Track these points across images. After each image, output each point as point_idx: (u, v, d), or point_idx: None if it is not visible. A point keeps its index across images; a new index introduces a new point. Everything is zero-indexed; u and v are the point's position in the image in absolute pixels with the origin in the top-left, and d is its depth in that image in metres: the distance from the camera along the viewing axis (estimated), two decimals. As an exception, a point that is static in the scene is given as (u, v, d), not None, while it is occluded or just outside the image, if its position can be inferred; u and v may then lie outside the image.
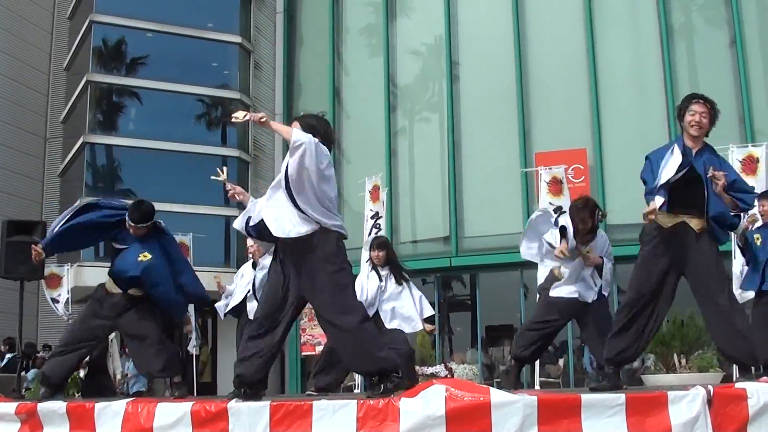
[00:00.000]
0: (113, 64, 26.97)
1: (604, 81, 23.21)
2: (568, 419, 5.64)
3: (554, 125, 23.56)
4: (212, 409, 6.35)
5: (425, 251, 24.27)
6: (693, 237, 6.98)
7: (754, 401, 5.63)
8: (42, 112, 31.15)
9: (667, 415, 5.60)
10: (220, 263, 24.27)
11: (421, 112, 25.85)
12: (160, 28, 26.70)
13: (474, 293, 24.36)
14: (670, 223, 7.03)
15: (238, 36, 27.69)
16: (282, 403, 6.17)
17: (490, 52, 24.99)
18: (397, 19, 26.51)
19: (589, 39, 23.69)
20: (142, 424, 6.60)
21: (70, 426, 7.10)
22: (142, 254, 8.61)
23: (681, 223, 7.01)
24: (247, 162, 26.63)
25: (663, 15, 23.27)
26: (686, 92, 7.58)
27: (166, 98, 26.44)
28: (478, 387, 5.98)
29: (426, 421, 5.67)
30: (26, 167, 29.86)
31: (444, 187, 24.50)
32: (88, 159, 25.80)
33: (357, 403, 5.94)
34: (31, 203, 29.37)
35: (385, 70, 25.97)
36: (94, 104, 26.24)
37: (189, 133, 26.41)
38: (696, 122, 7.15)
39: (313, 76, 27.79)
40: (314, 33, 28.11)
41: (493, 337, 24.02)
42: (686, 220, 7.01)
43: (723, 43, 23.10)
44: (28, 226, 13.16)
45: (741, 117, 21.74)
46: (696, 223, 6.99)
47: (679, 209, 7.01)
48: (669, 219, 7.03)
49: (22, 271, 12.66)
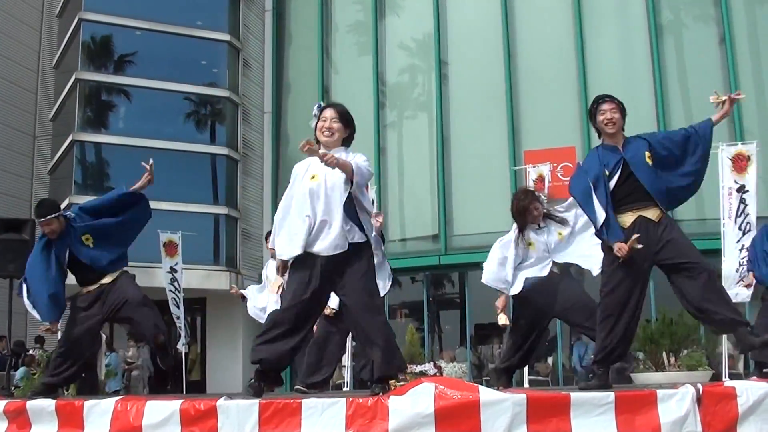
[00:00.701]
0: (102, 62, 26.91)
1: (593, 79, 23.23)
2: (558, 418, 5.64)
3: (543, 123, 23.60)
4: (201, 407, 6.34)
5: (414, 249, 24.28)
6: (654, 227, 7.04)
7: (743, 400, 5.63)
8: (31, 110, 31.06)
9: (657, 413, 5.61)
10: (209, 261, 24.28)
11: (410, 110, 25.86)
12: (148, 26, 26.63)
13: (463, 291, 24.37)
14: (629, 221, 7.09)
15: (226, 34, 27.64)
16: (271, 401, 6.16)
17: (479, 49, 25.02)
18: (385, 17, 26.52)
19: (578, 37, 23.73)
20: (131, 422, 6.57)
21: (59, 424, 7.08)
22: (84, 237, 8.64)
23: (638, 217, 7.07)
24: (236, 160, 26.59)
25: (652, 13, 23.31)
26: (675, 90, 7.67)
27: (155, 96, 26.38)
28: (467, 385, 5.98)
29: (415, 419, 5.67)
30: (15, 165, 29.76)
31: (433, 185, 24.52)
32: (77, 157, 25.73)
33: (346, 401, 5.94)
34: (20, 201, 29.27)
35: (374, 68, 25.98)
36: (83, 102, 26.17)
37: (178, 131, 26.34)
38: (608, 119, 7.29)
39: (302, 74, 27.78)
40: (303, 31, 28.11)
41: (482, 335, 24.02)
42: (641, 213, 7.08)
43: (712, 41, 23.15)
44: (17, 224, 13.18)
45: (730, 115, 21.79)
46: (651, 213, 7.07)
47: (630, 205, 7.11)
48: (627, 218, 7.11)
49: (11, 268, 12.66)
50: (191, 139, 26.26)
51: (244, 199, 26.40)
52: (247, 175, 26.79)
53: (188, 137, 26.28)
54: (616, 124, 7.26)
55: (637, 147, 7.22)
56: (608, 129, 7.26)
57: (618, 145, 7.26)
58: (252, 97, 27.86)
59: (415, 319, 23.98)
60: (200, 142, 26.31)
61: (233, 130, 27.25)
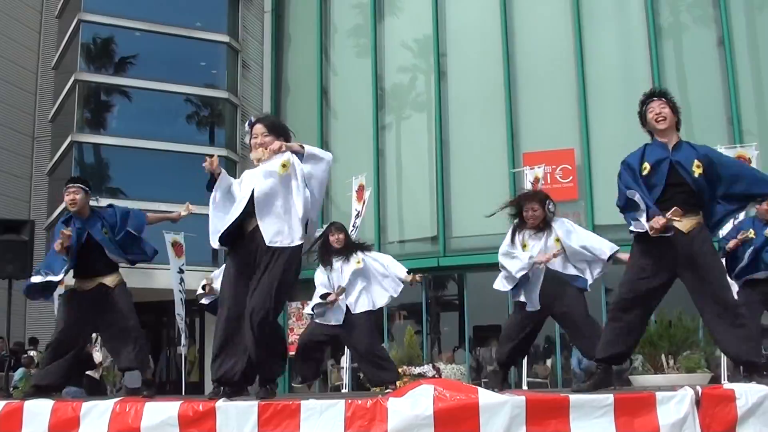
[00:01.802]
0: (101, 63, 26.92)
1: (592, 81, 23.25)
2: (557, 420, 5.63)
3: (542, 125, 23.60)
4: (200, 408, 6.33)
5: (413, 251, 24.27)
6: (683, 238, 6.74)
7: (742, 402, 5.63)
8: (30, 111, 31.08)
9: (656, 415, 5.60)
10: (208, 263, 24.23)
11: (409, 112, 25.86)
12: (148, 27, 26.65)
13: (462, 293, 24.36)
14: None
15: (226, 35, 27.66)
16: (270, 402, 6.16)
17: (477, 52, 25.02)
18: (384, 19, 26.53)
19: (577, 38, 23.73)
20: (130, 424, 6.55)
21: (54, 425, 7.04)
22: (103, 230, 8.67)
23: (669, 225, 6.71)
24: (235, 161, 26.58)
25: (651, 15, 23.33)
26: (674, 92, 7.51)
27: (154, 97, 26.40)
28: (466, 387, 5.99)
29: (414, 421, 5.67)
30: (14, 166, 29.79)
31: (432, 187, 24.51)
32: (76, 158, 25.75)
33: (345, 403, 5.94)
34: (19, 202, 29.32)
35: (372, 70, 25.99)
36: (82, 103, 26.19)
37: (177, 133, 26.36)
38: (657, 113, 6.98)
39: (300, 76, 27.79)
40: (302, 32, 28.11)
41: (481, 337, 23.99)
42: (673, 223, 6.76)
43: (711, 43, 23.16)
44: (16, 225, 13.16)
45: (729, 117, 21.81)
46: (684, 224, 6.74)
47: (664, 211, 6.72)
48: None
49: (10, 269, 12.65)
50: (190, 140, 26.26)
51: (242, 201, 26.35)
52: (246, 177, 26.76)
53: (187, 138, 26.29)
54: (666, 119, 6.93)
55: (688, 152, 6.90)
56: (660, 124, 6.91)
57: (669, 143, 6.95)
58: (251, 99, 27.88)
59: (414, 321, 23.97)
60: (199, 144, 26.30)
61: (232, 131, 27.26)
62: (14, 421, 7.11)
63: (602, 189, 21.89)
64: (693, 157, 6.82)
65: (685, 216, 6.69)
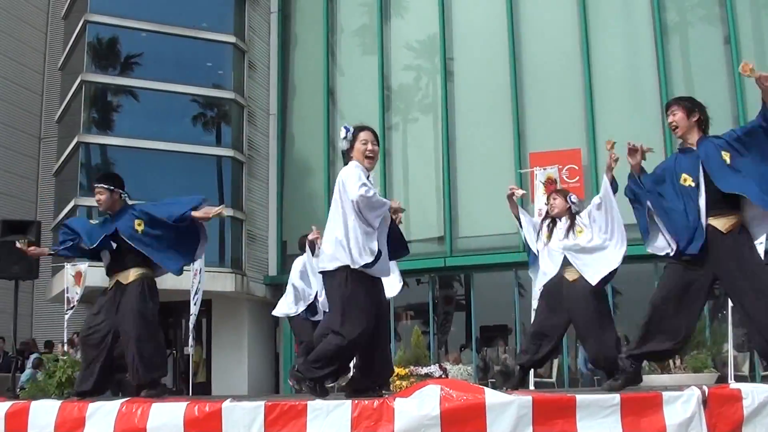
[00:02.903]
0: (108, 63, 26.88)
1: (598, 80, 23.23)
2: (563, 419, 5.64)
3: (549, 125, 23.58)
4: (207, 409, 6.33)
5: (419, 251, 24.22)
6: (721, 239, 6.72)
7: (748, 402, 5.64)
8: (36, 112, 31.12)
9: (662, 415, 5.61)
10: (214, 263, 24.22)
11: (416, 112, 25.86)
12: (154, 27, 26.61)
13: (468, 293, 24.36)
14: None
15: (232, 36, 27.62)
16: (276, 403, 6.16)
17: (484, 51, 25.02)
18: (391, 19, 26.53)
19: (583, 38, 23.72)
20: (136, 425, 6.55)
21: (60, 425, 7.04)
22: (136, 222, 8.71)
23: (707, 226, 6.74)
24: (241, 162, 26.56)
25: (657, 13, 23.31)
26: (681, 91, 7.57)
27: (160, 98, 26.36)
28: (473, 387, 5.99)
29: (421, 421, 5.68)
30: (21, 167, 29.83)
31: (438, 187, 24.52)
32: (82, 159, 25.70)
33: (352, 404, 5.94)
34: (26, 203, 29.35)
35: (379, 70, 25.99)
36: (88, 104, 26.15)
37: (183, 133, 26.32)
38: (669, 123, 7.13)
39: (307, 76, 27.78)
40: (308, 33, 28.10)
41: (488, 337, 24.01)
42: (711, 222, 6.78)
43: (717, 42, 23.13)
44: (22, 226, 13.18)
45: (735, 116, 21.74)
46: (722, 222, 6.76)
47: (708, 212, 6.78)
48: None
49: (16, 270, 12.67)
50: (196, 140, 26.21)
51: (249, 201, 26.36)
52: (252, 177, 26.76)
53: (193, 139, 26.24)
54: (678, 126, 7.06)
55: (709, 147, 6.93)
56: (675, 133, 7.09)
57: (693, 145, 7.02)
58: (257, 99, 27.84)
59: (421, 321, 23.95)
60: (206, 144, 26.26)
61: (239, 131, 27.22)
62: (20, 421, 7.13)
63: (609, 189, 21.83)
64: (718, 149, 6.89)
65: (723, 215, 6.72)
